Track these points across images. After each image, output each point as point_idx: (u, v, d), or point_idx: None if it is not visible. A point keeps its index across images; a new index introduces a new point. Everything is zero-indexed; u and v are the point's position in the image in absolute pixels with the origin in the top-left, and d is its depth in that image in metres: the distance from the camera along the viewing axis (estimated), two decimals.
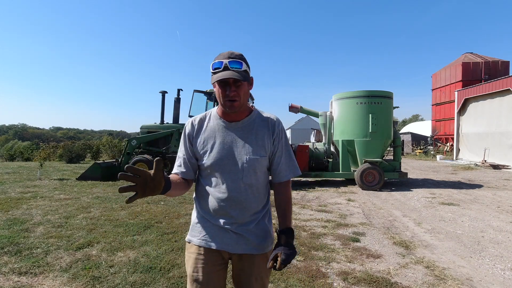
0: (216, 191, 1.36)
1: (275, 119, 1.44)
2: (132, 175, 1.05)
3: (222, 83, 1.28)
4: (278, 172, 1.43)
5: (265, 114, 1.45)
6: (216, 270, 1.38)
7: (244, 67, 1.30)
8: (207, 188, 1.39)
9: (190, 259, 1.40)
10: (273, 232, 1.47)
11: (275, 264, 1.24)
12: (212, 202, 1.37)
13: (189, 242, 1.44)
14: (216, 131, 1.39)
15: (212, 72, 1.32)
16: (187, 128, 1.43)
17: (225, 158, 1.35)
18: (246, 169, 1.34)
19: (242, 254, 1.38)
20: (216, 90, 1.32)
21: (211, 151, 1.37)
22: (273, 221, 1.48)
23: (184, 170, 1.40)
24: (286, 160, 1.44)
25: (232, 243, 1.36)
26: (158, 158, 1.11)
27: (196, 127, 1.42)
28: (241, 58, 1.31)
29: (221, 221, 1.36)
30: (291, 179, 1.48)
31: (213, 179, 1.37)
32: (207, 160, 1.37)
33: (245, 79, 1.29)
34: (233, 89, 1.28)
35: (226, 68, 1.27)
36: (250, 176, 1.35)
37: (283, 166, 1.43)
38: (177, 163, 1.44)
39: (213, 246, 1.37)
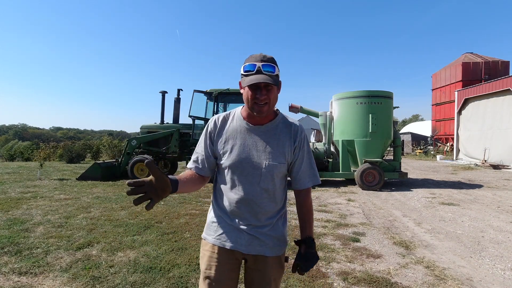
0: (232, 193, 1.37)
1: (298, 127, 1.43)
2: (138, 187, 1.06)
3: (253, 86, 1.26)
4: (298, 180, 1.43)
5: (289, 120, 1.45)
6: (229, 270, 1.39)
7: (277, 71, 1.29)
8: (225, 188, 1.40)
9: (205, 257, 1.41)
10: (287, 236, 1.48)
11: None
12: (228, 203, 1.39)
13: (204, 239, 1.46)
14: (238, 133, 1.39)
15: (243, 75, 1.30)
16: (210, 125, 1.43)
17: (244, 161, 1.35)
18: (264, 174, 1.35)
19: (256, 255, 1.39)
20: (245, 92, 1.30)
21: (231, 152, 1.37)
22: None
23: (200, 167, 1.41)
24: (307, 168, 1.43)
25: (245, 244, 1.37)
26: (147, 161, 1.09)
27: (218, 126, 1.42)
28: (273, 61, 1.30)
29: (237, 221, 1.38)
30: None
31: (231, 180, 1.38)
32: (226, 161, 1.37)
33: (277, 84, 1.28)
34: (263, 92, 1.26)
35: (259, 71, 1.25)
36: (268, 181, 1.36)
37: (304, 174, 1.43)
38: (193, 158, 1.44)
39: (227, 246, 1.38)
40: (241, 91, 1.34)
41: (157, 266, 3.16)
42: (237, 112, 1.44)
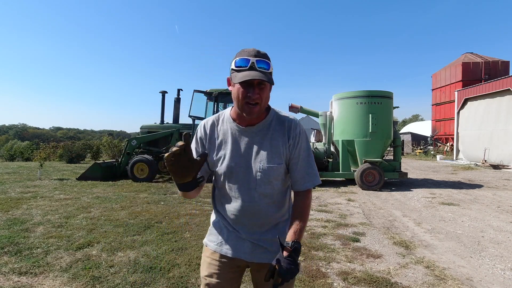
0: (230, 200, 1.31)
1: (292, 122, 1.31)
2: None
3: (245, 83, 1.15)
4: (294, 181, 1.31)
5: (283, 116, 1.32)
6: (230, 277, 1.34)
7: (271, 68, 1.19)
8: (222, 195, 1.34)
9: (205, 263, 1.37)
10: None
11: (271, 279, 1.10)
12: (227, 211, 1.32)
13: (205, 245, 1.41)
14: (229, 136, 1.29)
15: (235, 70, 1.18)
16: (199, 132, 1.35)
17: (238, 166, 1.26)
18: (260, 179, 1.25)
19: (260, 263, 1.32)
20: (236, 90, 1.18)
21: (224, 158, 1.29)
22: None
23: (199, 175, 1.27)
24: (304, 168, 1.29)
25: (248, 252, 1.31)
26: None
27: (208, 132, 1.33)
28: (267, 57, 1.20)
29: (238, 229, 1.32)
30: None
31: (227, 188, 1.30)
32: (220, 168, 1.29)
33: (272, 82, 1.17)
34: (256, 91, 1.15)
35: (252, 67, 1.15)
36: (265, 185, 1.26)
37: (300, 174, 1.29)
38: None
39: (229, 254, 1.32)
40: (230, 88, 1.25)
41: (157, 266, 3.16)
42: (226, 113, 1.34)
